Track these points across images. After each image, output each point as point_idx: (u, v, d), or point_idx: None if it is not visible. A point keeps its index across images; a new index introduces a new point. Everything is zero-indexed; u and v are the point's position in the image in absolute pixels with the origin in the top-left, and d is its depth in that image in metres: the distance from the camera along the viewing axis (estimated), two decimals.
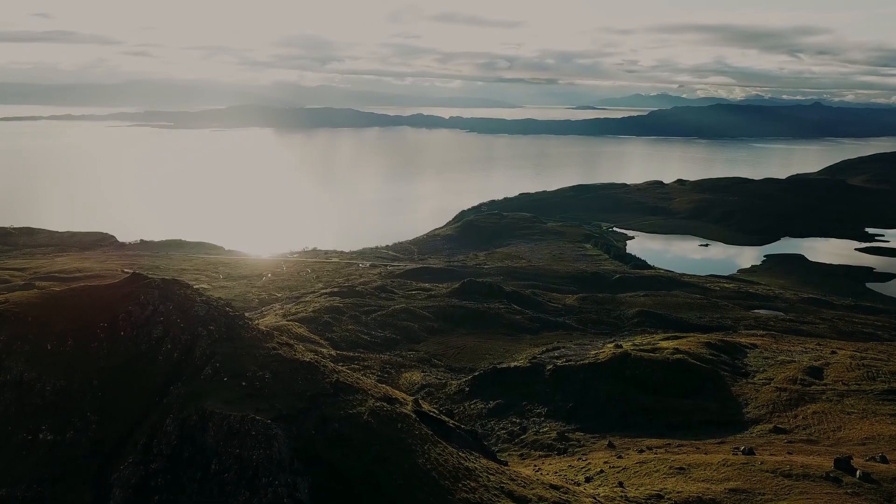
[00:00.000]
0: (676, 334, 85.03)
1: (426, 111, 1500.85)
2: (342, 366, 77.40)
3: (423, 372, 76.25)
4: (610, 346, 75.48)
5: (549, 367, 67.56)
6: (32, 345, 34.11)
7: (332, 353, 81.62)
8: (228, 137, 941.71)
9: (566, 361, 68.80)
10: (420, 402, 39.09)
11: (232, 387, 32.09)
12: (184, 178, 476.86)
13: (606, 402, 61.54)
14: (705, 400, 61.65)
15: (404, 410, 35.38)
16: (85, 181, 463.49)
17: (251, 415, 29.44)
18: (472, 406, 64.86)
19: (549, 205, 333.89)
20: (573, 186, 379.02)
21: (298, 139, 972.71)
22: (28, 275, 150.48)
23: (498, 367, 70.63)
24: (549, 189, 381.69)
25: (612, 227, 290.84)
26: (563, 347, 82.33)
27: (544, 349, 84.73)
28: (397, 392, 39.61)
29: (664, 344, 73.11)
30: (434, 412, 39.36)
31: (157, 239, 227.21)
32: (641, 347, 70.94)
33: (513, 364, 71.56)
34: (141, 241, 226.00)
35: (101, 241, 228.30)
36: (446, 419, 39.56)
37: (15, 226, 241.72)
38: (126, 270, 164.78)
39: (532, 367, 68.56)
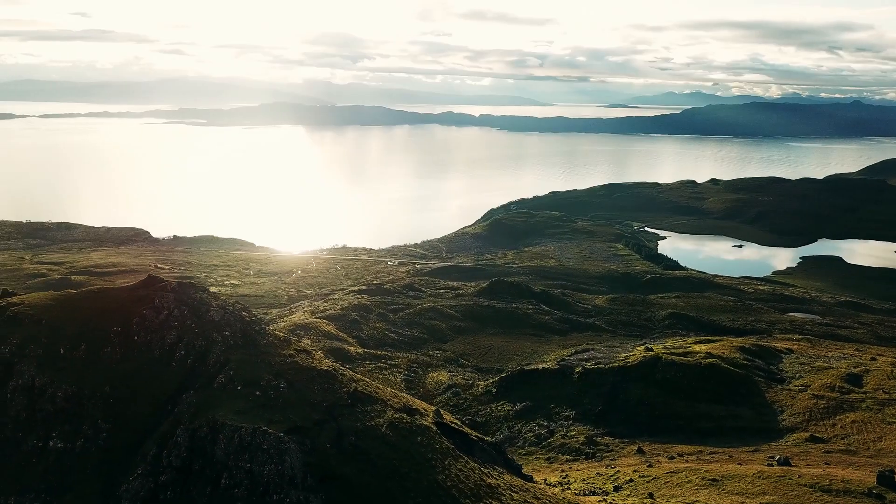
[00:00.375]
0: (709, 338, 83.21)
1: (456, 109, 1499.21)
2: (369, 364, 77.44)
3: (450, 372, 75.77)
4: (640, 348, 74.12)
5: (578, 369, 66.55)
6: (45, 348, 33.54)
7: (360, 351, 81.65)
8: (260, 135, 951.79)
9: (595, 364, 67.70)
10: (442, 412, 38.02)
11: (245, 396, 31.25)
12: (216, 175, 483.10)
13: (636, 407, 60.37)
14: (739, 406, 60.12)
15: (425, 422, 34.38)
16: (121, 177, 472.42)
17: (263, 427, 28.68)
18: (498, 408, 64.19)
19: (580, 204, 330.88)
20: (604, 185, 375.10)
21: (329, 137, 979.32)
22: (65, 269, 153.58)
23: (525, 368, 69.84)
24: (579, 188, 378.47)
25: (643, 227, 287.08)
26: (593, 349, 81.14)
27: (573, 351, 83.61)
28: (418, 402, 38.65)
29: (696, 348, 71.53)
30: (456, 423, 38.41)
31: (189, 235, 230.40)
32: (673, 351, 69.48)
33: (541, 366, 70.69)
34: (174, 236, 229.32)
35: (135, 237, 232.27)
36: (469, 431, 38.42)
37: (53, 221, 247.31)
38: (160, 266, 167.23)
39: (560, 369, 67.62)
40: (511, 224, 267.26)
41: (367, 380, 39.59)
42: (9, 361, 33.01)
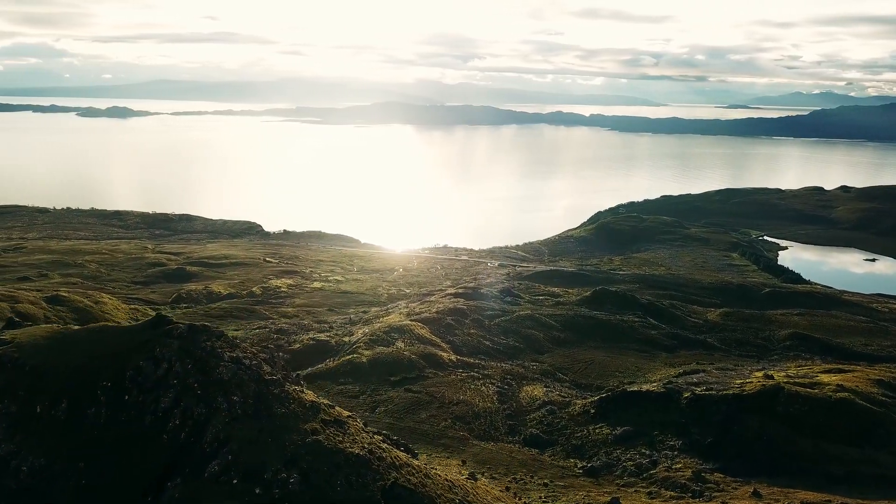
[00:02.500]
0: (839, 366, 74.52)
1: (566, 109, 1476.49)
2: (461, 372, 74.84)
3: (546, 387, 71.77)
4: (759, 374, 67.11)
5: (687, 394, 60.80)
6: (21, 404, 29.19)
7: (453, 358, 79.27)
8: (371, 133, 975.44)
9: (706, 389, 61.66)
10: None
11: (242, 495, 24.97)
12: (327, 172, 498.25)
13: (753, 442, 54.13)
14: (876, 450, 52.64)
15: None
16: (239, 172, 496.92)
17: None
18: (596, 431, 59.66)
19: (693, 209, 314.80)
20: (720, 190, 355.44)
21: (437, 136, 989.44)
22: (182, 259, 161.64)
23: (628, 389, 64.77)
24: (693, 192, 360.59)
25: (762, 236, 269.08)
26: (703, 371, 74.54)
27: (681, 371, 77.31)
28: (482, 496, 31.60)
29: (825, 378, 63.86)
30: None
31: (299, 230, 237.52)
32: (797, 380, 62.26)
33: (645, 387, 65.35)
34: (284, 231, 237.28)
35: (248, 230, 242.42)
36: None
37: (176, 212, 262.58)
38: (268, 259, 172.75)
39: (667, 392, 62.08)
40: (618, 228, 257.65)
41: (416, 464, 32.21)
42: None
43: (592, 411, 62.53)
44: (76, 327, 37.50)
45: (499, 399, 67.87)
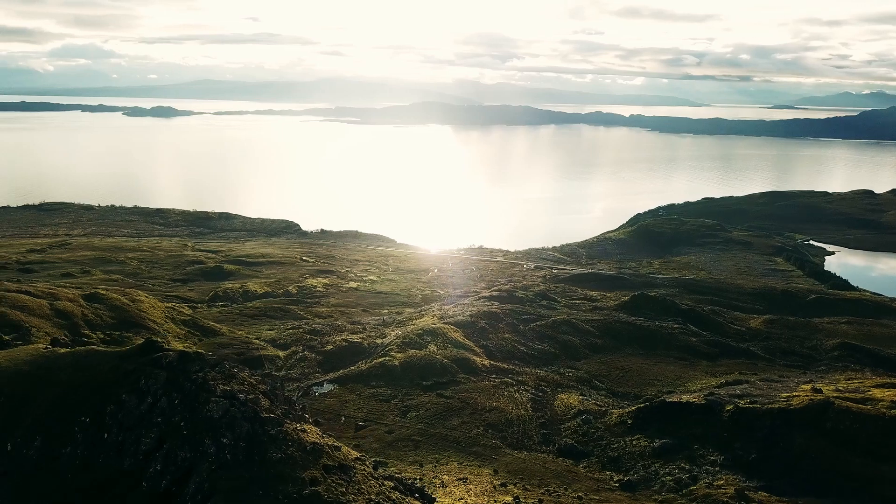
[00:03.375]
0: (893, 380, 71.00)
1: (605, 109, 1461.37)
2: (495, 378, 73.46)
3: (581, 395, 69.90)
4: (806, 387, 64.19)
5: (730, 407, 58.36)
6: None
7: (486, 363, 77.89)
8: (409, 133, 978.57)
9: (750, 402, 59.11)
10: None
11: None
12: (365, 172, 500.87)
13: (799, 459, 51.58)
14: None
15: None
16: (278, 171, 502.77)
17: None
18: (633, 442, 57.68)
19: (736, 212, 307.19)
20: (764, 193, 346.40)
21: (474, 136, 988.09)
22: (220, 257, 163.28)
23: (667, 399, 62.53)
24: (736, 194, 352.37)
25: (807, 241, 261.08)
26: (747, 382, 71.71)
27: (723, 381, 74.57)
28: None
29: (878, 393, 60.70)
30: None
31: (335, 229, 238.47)
32: (847, 395, 59.30)
33: (685, 398, 63.03)
34: (321, 230, 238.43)
35: (286, 229, 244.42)
36: None
37: (215, 211, 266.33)
38: (305, 258, 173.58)
39: (708, 404, 59.70)
40: (658, 230, 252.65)
41: None
42: None
43: (630, 422, 60.54)
44: (62, 350, 34.13)
45: (533, 406, 66.30)
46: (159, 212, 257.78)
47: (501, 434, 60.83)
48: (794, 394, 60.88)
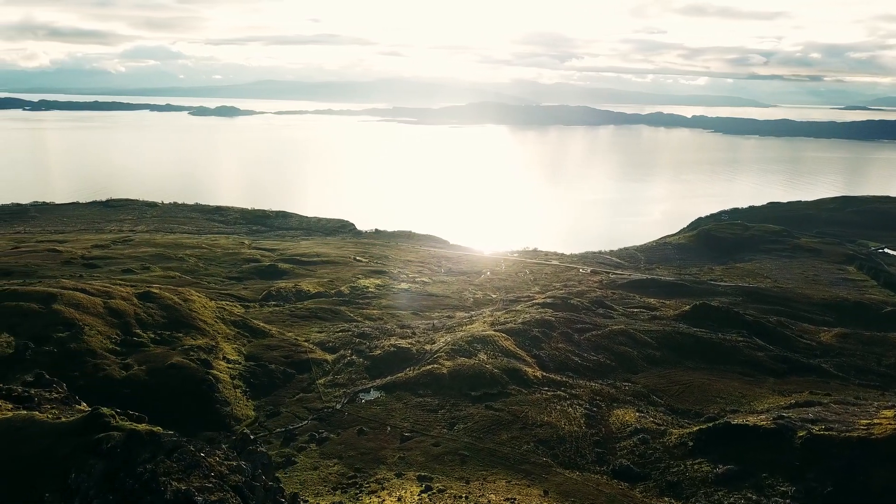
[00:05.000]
0: None
1: (666, 109, 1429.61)
2: (547, 391, 70.47)
3: (638, 411, 66.22)
4: (888, 413, 59.01)
5: (802, 433, 53.94)
6: None
7: (538, 374, 74.94)
8: (464, 133, 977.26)
9: (825, 429, 54.54)
10: None
11: None
12: (420, 172, 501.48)
13: (882, 496, 47.06)
14: None
15: None
16: (335, 171, 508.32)
17: None
18: (695, 467, 53.92)
19: (804, 217, 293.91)
20: (835, 198, 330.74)
21: (531, 136, 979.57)
22: (275, 256, 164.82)
23: (732, 422, 58.36)
24: (804, 199, 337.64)
25: (882, 248, 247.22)
26: (819, 405, 66.65)
27: (792, 402, 69.69)
28: None
29: None
30: None
31: (390, 229, 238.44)
32: None
33: (751, 420, 58.75)
34: (376, 230, 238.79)
35: (341, 228, 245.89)
36: None
37: (273, 209, 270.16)
38: (358, 258, 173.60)
39: (778, 429, 55.36)
40: (720, 236, 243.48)
41: None
42: None
43: (691, 444, 56.73)
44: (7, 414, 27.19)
45: (586, 422, 63.08)
46: (219, 209, 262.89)
47: (553, 451, 57.93)
48: (874, 421, 55.99)
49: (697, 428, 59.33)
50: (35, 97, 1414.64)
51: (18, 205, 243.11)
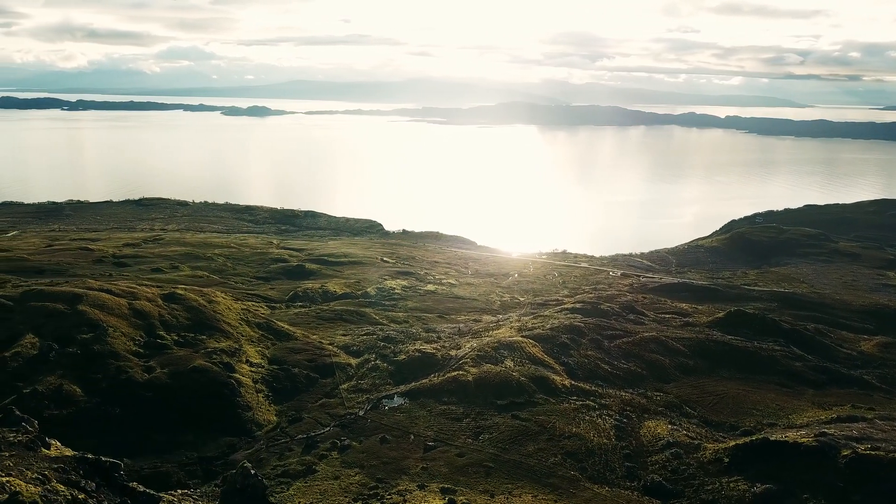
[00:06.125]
0: None
1: (699, 110, 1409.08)
2: (575, 401, 68.32)
3: (671, 423, 63.78)
4: None
5: (847, 451, 51.19)
6: None
7: (566, 382, 72.82)
8: (494, 133, 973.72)
9: (871, 448, 51.70)
10: None
11: None
12: (448, 172, 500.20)
13: None
14: None
15: None
16: (364, 171, 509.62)
17: None
18: (731, 485, 51.43)
19: (842, 220, 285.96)
20: (875, 201, 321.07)
21: (561, 137, 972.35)
22: (303, 255, 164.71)
23: (770, 438, 55.66)
24: (842, 202, 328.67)
25: None
26: (863, 420, 63.56)
27: (834, 416, 66.61)
28: None
29: None
30: None
31: (417, 230, 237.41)
32: None
33: (791, 436, 56.03)
34: (403, 230, 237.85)
35: (368, 229, 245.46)
36: None
37: (301, 209, 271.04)
38: (385, 259, 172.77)
39: (820, 447, 52.62)
40: (755, 239, 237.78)
41: None
42: None
43: (727, 460, 54.25)
44: None
45: (616, 435, 60.88)
46: (248, 209, 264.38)
47: (581, 465, 55.89)
48: None
49: (734, 443, 56.77)
50: (73, 97, 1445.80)
51: (55, 203, 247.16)
